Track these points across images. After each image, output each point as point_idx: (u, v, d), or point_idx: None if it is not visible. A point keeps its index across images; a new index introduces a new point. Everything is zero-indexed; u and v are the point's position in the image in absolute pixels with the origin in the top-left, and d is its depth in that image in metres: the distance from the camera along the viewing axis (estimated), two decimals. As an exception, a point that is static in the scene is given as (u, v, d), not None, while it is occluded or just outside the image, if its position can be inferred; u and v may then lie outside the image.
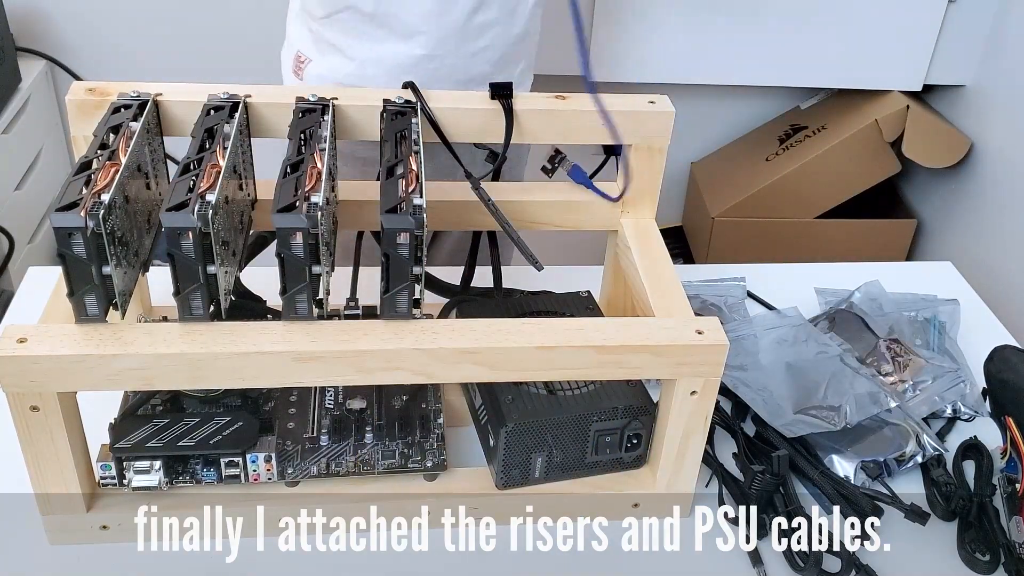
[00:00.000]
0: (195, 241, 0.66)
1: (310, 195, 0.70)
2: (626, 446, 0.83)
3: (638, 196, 0.91)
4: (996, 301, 1.21)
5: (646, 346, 0.74)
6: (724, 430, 0.92)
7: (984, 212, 1.85)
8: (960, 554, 0.83)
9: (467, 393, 0.87)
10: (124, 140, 0.73)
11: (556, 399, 0.80)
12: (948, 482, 0.88)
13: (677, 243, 2.17)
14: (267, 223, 0.68)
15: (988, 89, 1.85)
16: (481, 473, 0.83)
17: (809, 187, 1.94)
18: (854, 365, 0.97)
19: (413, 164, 0.74)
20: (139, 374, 0.67)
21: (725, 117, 2.11)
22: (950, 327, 1.06)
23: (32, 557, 0.77)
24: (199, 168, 0.70)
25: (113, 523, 0.77)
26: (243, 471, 0.78)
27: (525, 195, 0.92)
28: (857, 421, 0.91)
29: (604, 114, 0.80)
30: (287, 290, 0.69)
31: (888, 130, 1.87)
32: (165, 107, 0.82)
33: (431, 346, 0.71)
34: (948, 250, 1.94)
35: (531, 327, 0.73)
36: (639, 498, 0.83)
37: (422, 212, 0.69)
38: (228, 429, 0.77)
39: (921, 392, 0.96)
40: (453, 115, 0.85)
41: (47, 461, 0.72)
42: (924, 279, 1.13)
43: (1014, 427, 0.85)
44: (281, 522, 0.79)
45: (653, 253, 0.88)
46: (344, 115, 0.84)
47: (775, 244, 1.98)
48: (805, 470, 0.88)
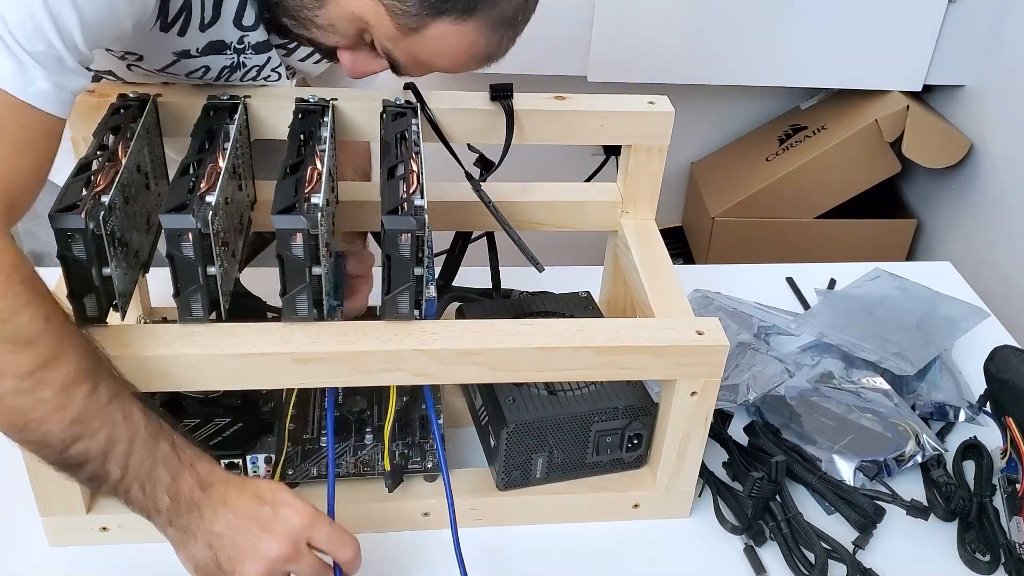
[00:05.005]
0: (195, 242, 0.66)
1: (310, 196, 0.70)
2: (627, 446, 0.83)
3: (638, 196, 0.91)
4: (996, 301, 1.21)
5: (646, 347, 0.74)
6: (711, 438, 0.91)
7: (984, 212, 1.85)
8: (960, 554, 0.83)
9: (467, 394, 0.87)
10: (124, 141, 0.73)
11: (557, 399, 0.80)
12: (948, 482, 0.88)
13: (677, 243, 2.16)
14: (267, 223, 0.68)
15: (988, 89, 1.85)
16: (482, 474, 0.83)
17: (809, 187, 1.94)
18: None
19: (414, 165, 0.74)
20: (139, 375, 0.67)
21: (725, 117, 2.11)
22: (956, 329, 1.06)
23: (32, 557, 0.77)
24: (199, 169, 0.70)
25: (113, 524, 0.77)
26: (243, 472, 0.78)
27: (525, 195, 0.92)
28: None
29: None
30: (287, 291, 0.69)
31: (888, 130, 1.87)
32: (165, 108, 0.81)
33: (432, 347, 0.71)
34: (948, 250, 1.94)
35: (531, 328, 0.73)
36: (639, 498, 0.83)
37: (423, 213, 0.69)
38: (228, 430, 0.77)
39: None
40: (453, 116, 0.85)
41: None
42: (924, 279, 1.13)
43: (1014, 427, 0.85)
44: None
45: (653, 253, 0.88)
46: (344, 116, 0.84)
47: (775, 244, 1.98)
48: (803, 476, 0.88)
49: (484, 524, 0.82)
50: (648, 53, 1.81)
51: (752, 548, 0.82)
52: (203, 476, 0.65)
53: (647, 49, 1.80)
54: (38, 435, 0.61)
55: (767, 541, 0.83)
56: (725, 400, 0.94)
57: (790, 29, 1.81)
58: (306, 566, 0.66)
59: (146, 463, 0.63)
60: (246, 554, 0.64)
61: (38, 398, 0.59)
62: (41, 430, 0.60)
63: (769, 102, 2.09)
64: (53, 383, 0.59)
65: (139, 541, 0.78)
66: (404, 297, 0.70)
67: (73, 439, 0.61)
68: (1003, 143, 1.80)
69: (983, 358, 0.92)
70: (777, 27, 1.81)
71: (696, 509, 0.86)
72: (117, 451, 0.62)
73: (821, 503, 0.87)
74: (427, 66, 0.77)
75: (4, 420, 0.60)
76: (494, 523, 0.82)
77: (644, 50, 1.80)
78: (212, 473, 0.66)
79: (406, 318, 0.72)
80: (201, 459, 0.66)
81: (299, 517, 0.66)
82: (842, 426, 0.92)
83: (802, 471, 0.88)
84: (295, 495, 0.67)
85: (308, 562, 0.66)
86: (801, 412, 0.94)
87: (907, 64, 1.87)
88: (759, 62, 1.85)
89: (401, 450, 0.81)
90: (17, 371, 0.58)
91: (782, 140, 2.01)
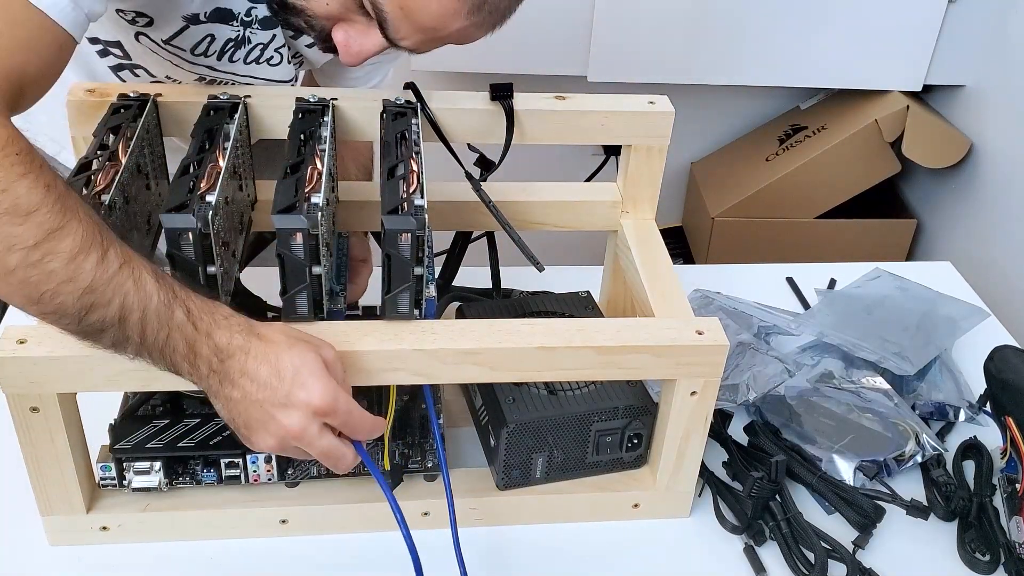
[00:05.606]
0: (195, 242, 0.66)
1: (310, 196, 0.70)
2: (627, 446, 0.83)
3: (638, 196, 0.91)
4: (996, 301, 1.21)
5: (646, 346, 0.74)
6: (711, 438, 0.91)
7: (984, 212, 1.85)
8: (960, 554, 0.83)
9: (467, 394, 0.87)
10: (124, 141, 0.73)
11: (557, 399, 0.80)
12: (948, 482, 0.88)
13: (677, 243, 2.17)
14: (267, 223, 0.68)
15: (988, 89, 1.85)
16: (482, 474, 0.83)
17: (809, 187, 1.94)
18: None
19: (414, 165, 0.74)
20: (139, 375, 0.67)
21: (725, 117, 2.11)
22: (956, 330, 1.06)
23: (32, 557, 0.77)
24: (199, 169, 0.70)
25: (113, 524, 0.77)
26: (243, 472, 0.78)
27: (525, 195, 0.92)
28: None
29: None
30: (287, 290, 0.69)
31: (888, 130, 1.87)
32: (165, 107, 0.82)
33: (432, 347, 0.71)
34: (948, 250, 1.94)
35: (531, 327, 0.73)
36: (639, 498, 0.83)
37: (423, 212, 0.69)
38: (228, 430, 0.77)
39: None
40: (453, 116, 0.85)
41: (47, 462, 0.72)
42: (924, 279, 1.13)
43: (1014, 427, 0.85)
44: (281, 522, 0.79)
45: (653, 253, 0.88)
46: (344, 115, 0.84)
47: (775, 244, 1.98)
48: (803, 475, 0.88)
49: (484, 524, 0.82)
50: (648, 53, 1.81)
51: (752, 548, 0.82)
52: (220, 346, 0.64)
53: (647, 49, 1.80)
54: (53, 306, 0.60)
55: (767, 541, 0.83)
56: (725, 400, 0.94)
57: (790, 29, 1.81)
58: (317, 447, 0.66)
59: (162, 332, 0.62)
60: (259, 426, 0.65)
61: (47, 270, 0.58)
62: (55, 302, 0.59)
63: (769, 102, 2.09)
64: (60, 253, 0.59)
65: (139, 541, 0.78)
66: (404, 297, 0.70)
67: (87, 308, 0.60)
68: (1003, 143, 1.80)
69: (983, 358, 0.92)
70: (777, 27, 1.81)
71: (696, 509, 0.86)
72: (132, 320, 0.61)
73: (821, 503, 0.87)
74: (415, 15, 0.72)
75: (19, 295, 0.60)
76: (494, 523, 0.82)
77: (644, 50, 1.80)
78: (231, 342, 0.64)
79: (406, 318, 0.72)
80: (219, 326, 0.64)
81: (314, 401, 0.64)
82: (842, 426, 0.92)
83: (802, 471, 0.88)
84: (317, 373, 0.65)
85: (321, 444, 0.66)
86: (801, 412, 0.94)
87: (907, 64, 1.87)
88: (759, 62, 1.85)
89: (401, 450, 0.81)
90: (23, 243, 0.58)
91: (782, 140, 2.01)
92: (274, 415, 0.64)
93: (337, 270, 0.84)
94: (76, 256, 0.59)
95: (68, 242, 0.59)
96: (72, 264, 0.59)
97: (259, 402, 0.64)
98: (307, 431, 0.65)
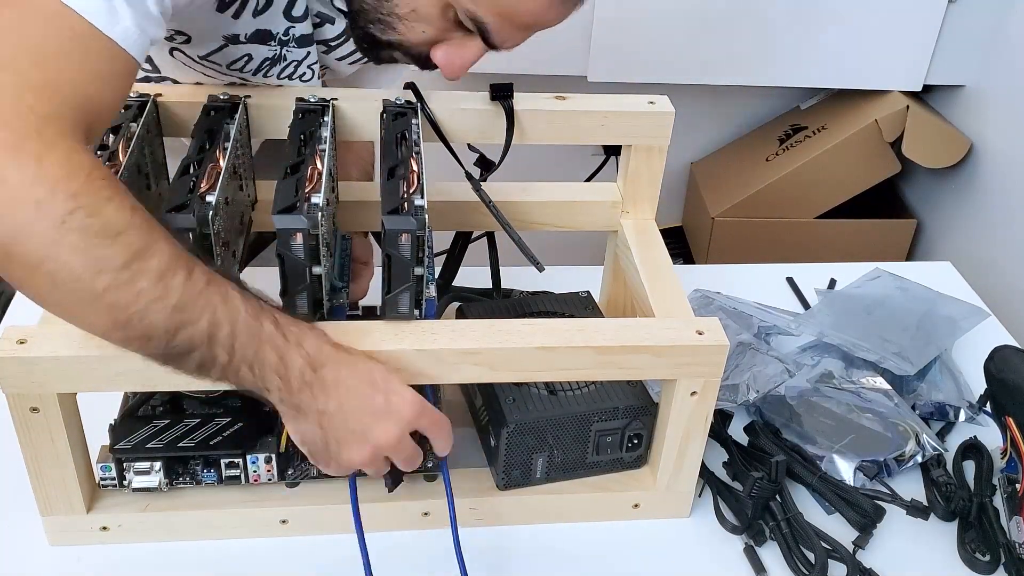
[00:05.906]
0: (195, 242, 0.66)
1: (310, 196, 0.70)
2: (627, 446, 0.83)
3: (638, 196, 0.91)
4: (996, 301, 1.21)
5: (646, 346, 0.74)
6: (711, 438, 0.91)
7: (984, 212, 1.85)
8: (960, 554, 0.83)
9: (467, 394, 0.87)
10: (124, 141, 0.73)
11: (557, 399, 0.80)
12: (948, 482, 0.88)
13: (677, 243, 2.16)
14: (267, 223, 0.68)
15: (988, 89, 1.85)
16: (482, 474, 0.83)
17: (809, 187, 1.94)
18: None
19: (414, 165, 0.74)
20: (139, 375, 0.67)
21: (725, 117, 2.10)
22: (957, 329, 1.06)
23: (32, 557, 0.77)
24: (199, 169, 0.70)
25: (113, 524, 0.77)
26: (243, 472, 0.78)
27: (525, 195, 0.92)
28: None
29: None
30: (287, 291, 0.69)
31: (888, 130, 1.87)
32: (165, 108, 0.82)
33: (432, 347, 0.71)
34: (948, 250, 1.94)
35: (531, 328, 0.73)
36: (639, 498, 0.83)
37: (423, 213, 0.69)
38: (228, 430, 0.77)
39: None
40: (453, 116, 0.85)
41: (47, 462, 0.72)
42: (924, 279, 1.13)
43: (1014, 427, 0.85)
44: (281, 522, 0.79)
45: (653, 253, 0.88)
46: (344, 115, 0.84)
47: (775, 244, 1.98)
48: (803, 475, 0.88)
49: (484, 524, 0.82)
50: (648, 53, 1.81)
51: (752, 548, 0.82)
52: (312, 355, 0.64)
53: (647, 49, 1.80)
54: (141, 328, 0.59)
55: (767, 541, 0.83)
56: (725, 400, 0.94)
57: (790, 29, 1.81)
58: (405, 453, 0.68)
59: (252, 345, 0.62)
60: (355, 438, 0.66)
61: (137, 290, 0.58)
62: (144, 323, 0.59)
63: (769, 102, 2.09)
64: (149, 273, 0.58)
65: (139, 541, 0.78)
66: (404, 297, 0.70)
67: (177, 328, 0.60)
68: (1003, 143, 1.80)
69: (983, 358, 0.92)
70: (777, 27, 1.81)
71: (696, 509, 0.86)
72: (221, 335, 0.61)
73: (821, 503, 0.87)
74: (515, 17, 0.75)
75: (106, 319, 0.59)
76: (494, 523, 0.82)
77: (644, 50, 1.80)
78: (320, 351, 0.65)
79: (406, 318, 0.72)
80: (308, 336, 0.65)
81: (409, 407, 0.67)
82: (842, 426, 0.92)
83: (802, 471, 0.88)
84: (403, 382, 0.68)
85: (408, 450, 0.68)
86: (801, 412, 0.94)
87: (907, 64, 1.87)
88: (759, 62, 1.85)
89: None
90: (112, 265, 0.57)
91: (782, 140, 2.01)
92: (372, 426, 0.66)
93: (340, 269, 0.84)
94: (164, 274, 0.59)
95: (156, 261, 0.59)
96: (161, 283, 0.59)
97: (356, 411, 0.65)
98: (404, 438, 0.67)
